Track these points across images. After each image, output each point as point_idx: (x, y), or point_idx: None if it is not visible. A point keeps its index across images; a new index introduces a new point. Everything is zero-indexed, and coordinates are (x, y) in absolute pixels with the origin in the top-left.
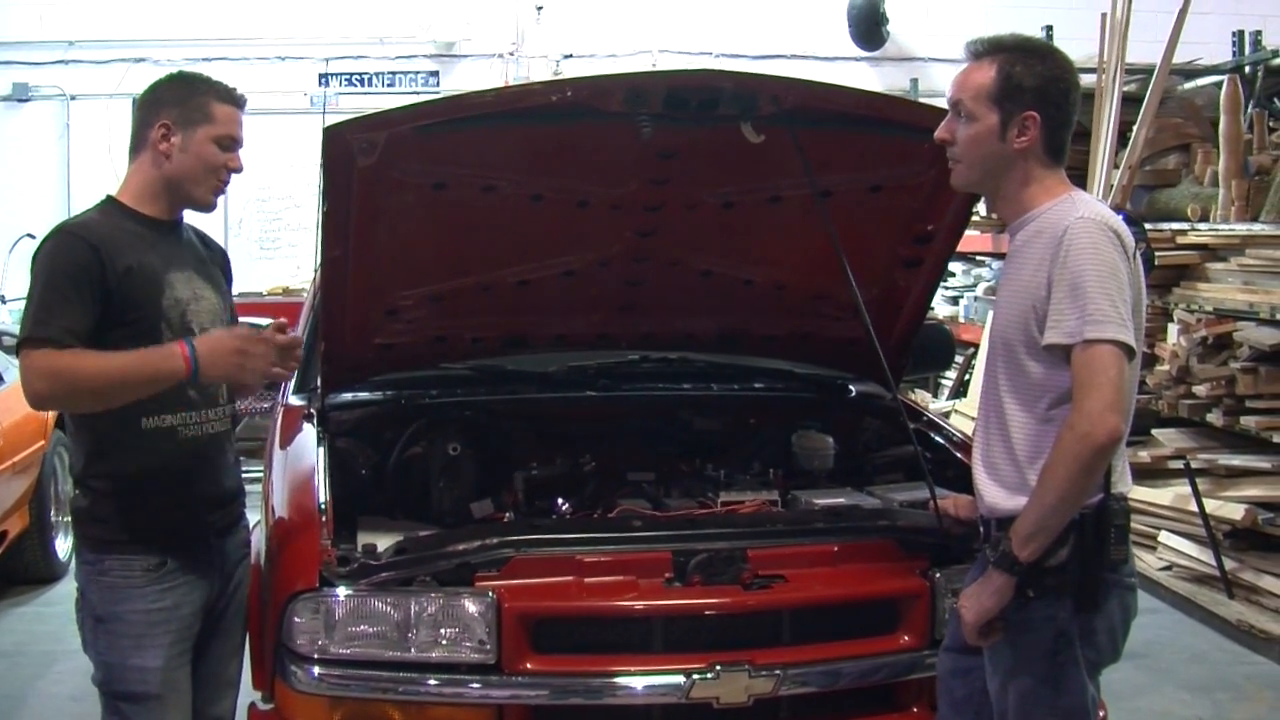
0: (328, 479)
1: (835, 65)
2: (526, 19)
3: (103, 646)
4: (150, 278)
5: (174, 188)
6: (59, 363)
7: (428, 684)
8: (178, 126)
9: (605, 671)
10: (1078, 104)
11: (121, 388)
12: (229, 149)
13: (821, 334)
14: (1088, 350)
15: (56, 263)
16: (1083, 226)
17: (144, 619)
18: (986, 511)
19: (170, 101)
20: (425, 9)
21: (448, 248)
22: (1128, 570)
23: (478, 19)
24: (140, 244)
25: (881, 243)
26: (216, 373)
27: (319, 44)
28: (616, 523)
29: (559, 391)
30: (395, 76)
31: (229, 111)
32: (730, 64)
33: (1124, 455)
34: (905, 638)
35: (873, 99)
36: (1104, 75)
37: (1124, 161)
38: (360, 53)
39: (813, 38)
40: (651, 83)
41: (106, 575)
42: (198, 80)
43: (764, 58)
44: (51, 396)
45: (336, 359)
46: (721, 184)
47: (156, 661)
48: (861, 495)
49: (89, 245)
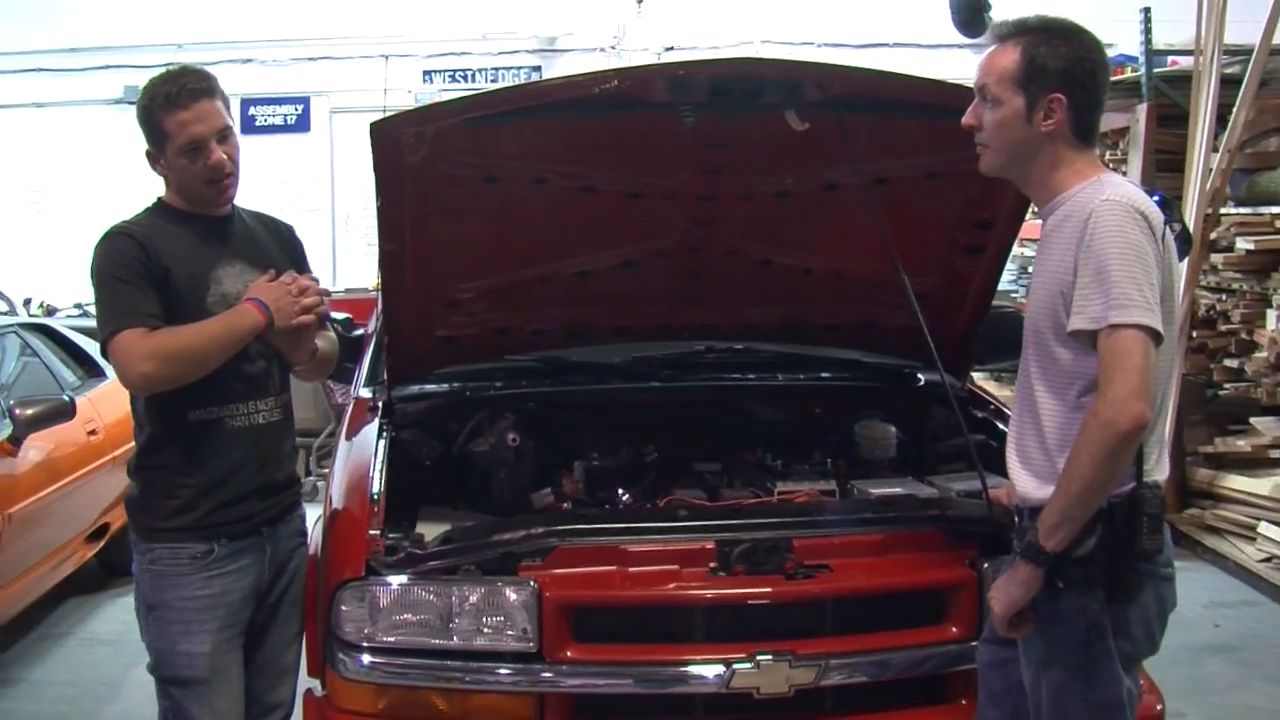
0: (383, 470)
1: (937, 53)
2: (628, 12)
3: (153, 633)
4: (194, 277)
5: (189, 198)
6: (155, 341)
7: (470, 672)
8: (156, 150)
9: (646, 661)
10: (1106, 84)
11: (218, 349)
12: (198, 152)
13: (885, 323)
14: (1112, 335)
15: (111, 260)
16: (1108, 209)
17: (191, 605)
18: (1019, 501)
19: (142, 129)
20: (527, 4)
21: (503, 240)
22: (1164, 560)
23: (579, 13)
24: (185, 242)
25: (940, 230)
26: (284, 314)
27: (422, 41)
28: (661, 512)
29: (623, 382)
30: (498, 72)
31: (179, 118)
32: (832, 54)
33: (1162, 442)
34: (953, 629)
35: (922, 84)
36: (1202, 57)
37: (1223, 145)
38: (463, 49)
39: (915, 26)
40: (695, 72)
41: (156, 564)
42: (146, 96)
43: (866, 46)
44: (159, 374)
45: (400, 352)
46: (774, 173)
47: (204, 647)
48: (919, 485)
49: (137, 242)
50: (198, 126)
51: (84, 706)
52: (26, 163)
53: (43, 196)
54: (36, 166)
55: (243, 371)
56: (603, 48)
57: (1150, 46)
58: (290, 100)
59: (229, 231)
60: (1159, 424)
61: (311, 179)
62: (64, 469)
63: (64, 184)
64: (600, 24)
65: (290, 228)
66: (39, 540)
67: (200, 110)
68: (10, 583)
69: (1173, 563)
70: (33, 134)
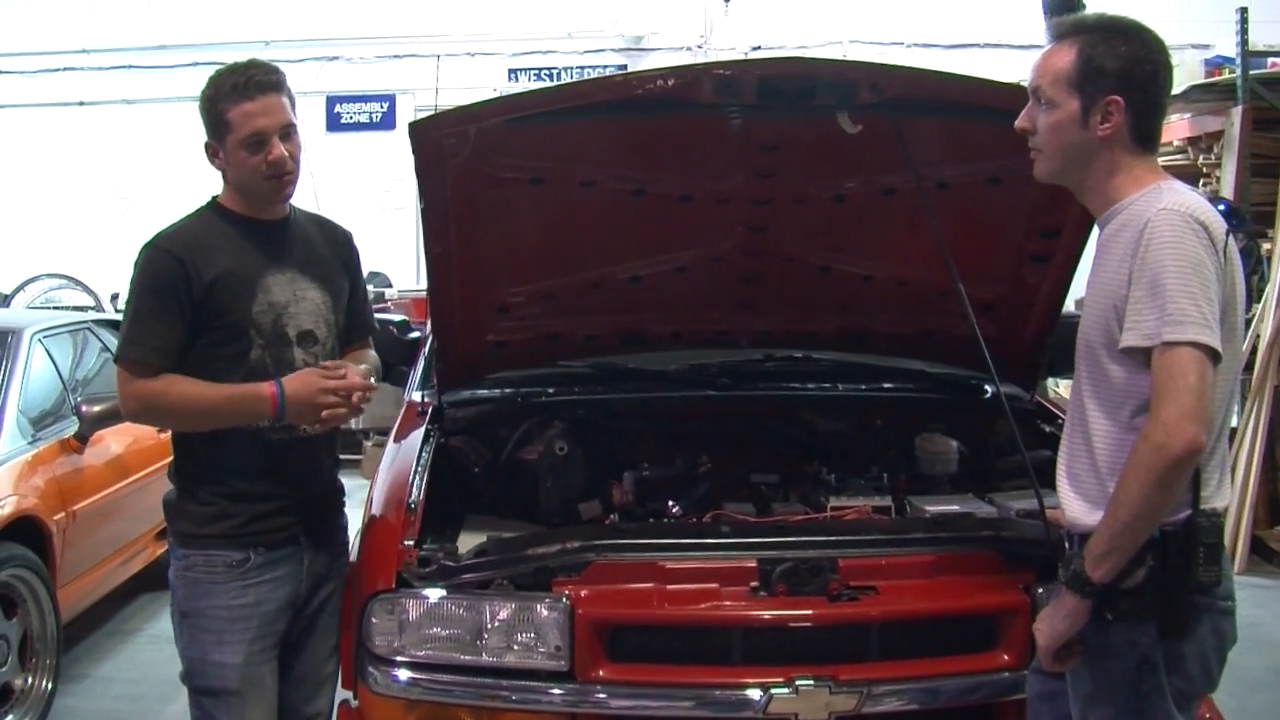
0: (424, 478)
1: (1029, 54)
2: (715, 10)
3: (186, 641)
4: (241, 283)
5: (245, 194)
6: (148, 389)
7: (499, 690)
8: (215, 143)
9: (680, 684)
10: (1168, 87)
11: (208, 419)
12: (260, 146)
13: (950, 332)
14: (1166, 353)
15: (146, 278)
16: (1165, 219)
17: (225, 614)
18: (1069, 525)
19: (204, 120)
20: (613, 3)
21: (551, 244)
22: (1222, 592)
23: (666, 11)
24: (235, 246)
25: (1006, 237)
26: (300, 418)
27: (508, 39)
28: (703, 528)
29: (677, 390)
30: (583, 71)
31: (245, 109)
32: (922, 54)
33: (1223, 466)
34: (1004, 656)
35: (981, 86)
36: None
37: None
38: (549, 47)
39: (1007, 26)
40: (743, 72)
41: (191, 570)
42: (211, 86)
43: (956, 46)
44: (142, 419)
45: (450, 356)
46: (831, 177)
47: (236, 658)
48: (979, 503)
49: (175, 258)
50: (262, 119)
51: (147, 705)
52: (115, 160)
53: (131, 193)
54: (125, 163)
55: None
56: (689, 47)
57: (1247, 47)
58: (375, 98)
59: (283, 237)
60: (1218, 448)
61: (396, 176)
62: (132, 466)
63: (151, 181)
64: (687, 23)
65: (348, 234)
66: (106, 537)
67: (266, 103)
68: (75, 579)
69: (1233, 595)
70: (121, 131)
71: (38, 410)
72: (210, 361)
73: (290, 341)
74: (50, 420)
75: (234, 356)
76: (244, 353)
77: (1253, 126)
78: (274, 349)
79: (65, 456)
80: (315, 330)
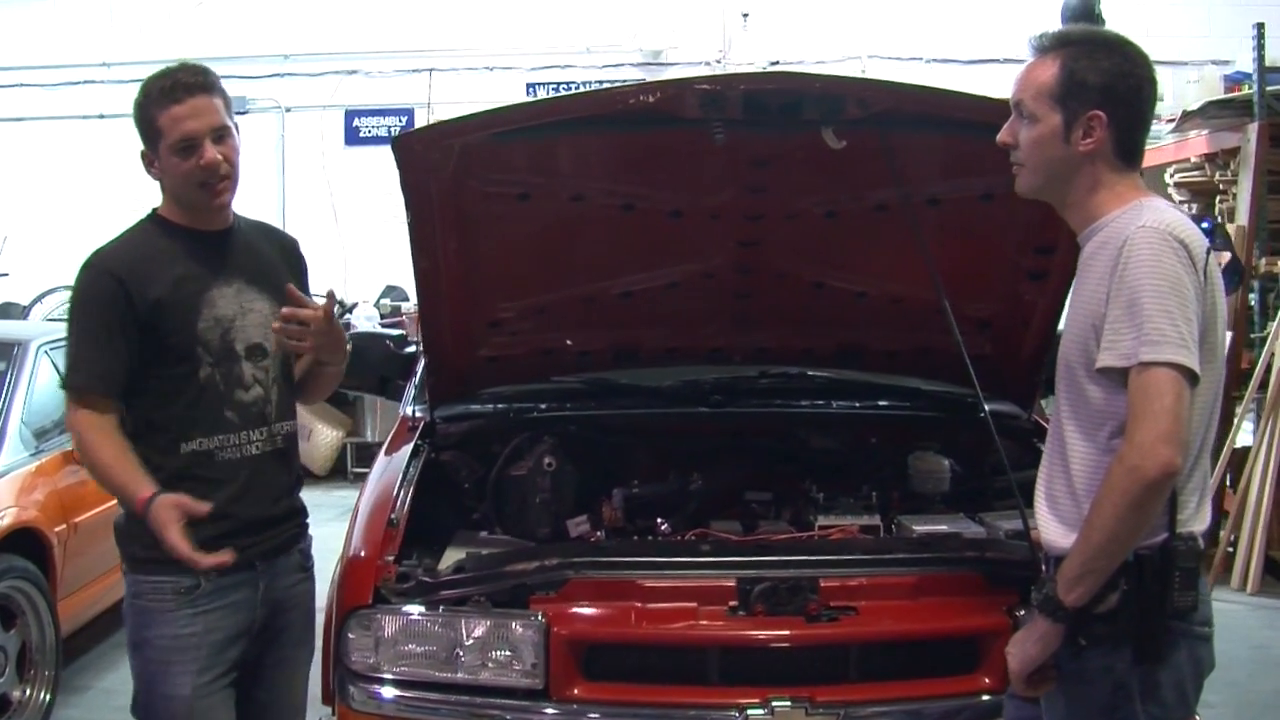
0: (409, 493)
1: None
2: (733, 26)
3: (135, 673)
4: (186, 301)
5: (182, 203)
6: (81, 425)
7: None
8: (149, 148)
9: (655, 703)
10: (1152, 102)
11: (97, 478)
12: (191, 150)
13: (946, 349)
14: (1143, 374)
15: (86, 302)
16: (1144, 236)
17: (172, 644)
18: (1045, 547)
19: (137, 128)
20: (632, 18)
21: (542, 259)
22: (1199, 618)
23: (684, 27)
24: (177, 261)
25: (1000, 254)
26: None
27: (526, 54)
28: (683, 546)
29: (670, 407)
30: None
31: (173, 113)
32: (941, 70)
33: (1203, 489)
34: (985, 679)
35: (969, 101)
36: None
37: None
38: (567, 62)
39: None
40: (728, 87)
41: (139, 599)
42: (141, 92)
43: (976, 62)
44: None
45: (441, 370)
46: (822, 192)
47: (183, 690)
48: (968, 523)
49: (115, 279)
50: (191, 122)
51: None
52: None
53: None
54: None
55: (236, 400)
56: (708, 61)
57: (1263, 63)
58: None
59: (228, 247)
60: (1197, 470)
61: None
62: None
63: None
64: (706, 38)
65: (295, 241)
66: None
67: (195, 105)
68: (76, 591)
69: (1211, 621)
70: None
71: (41, 422)
72: (159, 384)
73: (238, 356)
74: (53, 432)
75: (183, 376)
76: (193, 372)
77: (1270, 143)
78: (223, 365)
79: (67, 469)
80: (264, 343)
